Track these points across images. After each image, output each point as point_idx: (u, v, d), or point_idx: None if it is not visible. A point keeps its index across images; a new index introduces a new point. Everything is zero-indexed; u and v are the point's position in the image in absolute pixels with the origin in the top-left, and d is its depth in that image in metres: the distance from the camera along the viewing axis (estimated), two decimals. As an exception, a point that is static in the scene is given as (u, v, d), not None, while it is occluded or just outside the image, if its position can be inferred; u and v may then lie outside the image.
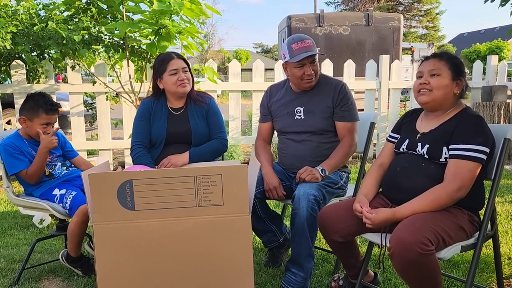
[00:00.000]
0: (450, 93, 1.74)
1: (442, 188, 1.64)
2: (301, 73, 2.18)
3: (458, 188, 1.62)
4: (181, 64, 2.30)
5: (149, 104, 2.36)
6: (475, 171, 1.64)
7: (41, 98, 2.26)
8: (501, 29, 32.19)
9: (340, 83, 2.28)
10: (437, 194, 1.63)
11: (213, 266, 1.64)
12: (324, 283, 2.22)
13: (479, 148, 1.63)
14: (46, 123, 2.26)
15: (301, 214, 1.98)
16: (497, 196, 3.57)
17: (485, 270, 2.34)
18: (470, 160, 1.63)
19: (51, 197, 2.25)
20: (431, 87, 1.75)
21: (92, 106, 5.54)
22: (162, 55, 2.37)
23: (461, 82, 1.74)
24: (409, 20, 32.44)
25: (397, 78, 5.25)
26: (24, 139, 2.30)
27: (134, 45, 3.87)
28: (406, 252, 1.49)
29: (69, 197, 2.20)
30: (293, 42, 2.16)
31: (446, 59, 1.75)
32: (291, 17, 8.72)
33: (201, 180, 1.58)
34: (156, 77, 2.33)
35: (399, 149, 1.86)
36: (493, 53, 15.74)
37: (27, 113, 2.25)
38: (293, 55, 2.15)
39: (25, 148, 2.27)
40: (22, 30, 3.66)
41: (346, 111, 2.23)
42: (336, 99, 2.22)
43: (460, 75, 1.74)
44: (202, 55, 28.00)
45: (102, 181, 1.55)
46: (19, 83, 4.37)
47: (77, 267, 2.30)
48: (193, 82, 2.40)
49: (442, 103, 1.76)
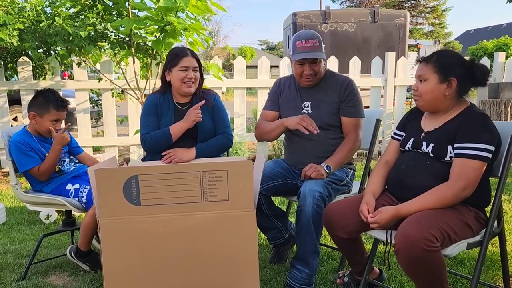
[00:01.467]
0: (440, 96, 1.72)
1: (447, 187, 1.63)
2: (301, 71, 2.19)
3: (463, 187, 1.61)
4: (193, 63, 2.30)
5: (156, 99, 2.36)
6: (481, 169, 1.63)
7: (51, 95, 2.28)
8: (508, 26, 31.91)
9: (347, 79, 2.27)
10: (442, 193, 1.63)
11: (218, 262, 1.65)
12: (329, 280, 2.22)
13: (484, 146, 1.62)
14: (56, 119, 2.29)
15: (306, 211, 1.99)
16: (503, 194, 3.55)
17: (491, 267, 2.33)
18: (475, 159, 1.62)
19: (65, 192, 2.28)
20: (419, 93, 1.75)
21: (98, 103, 5.57)
22: (178, 48, 2.37)
23: (453, 82, 1.70)
24: (415, 17, 32.22)
25: (403, 75, 5.22)
26: (33, 136, 2.32)
27: (139, 42, 3.88)
28: (411, 249, 1.48)
29: (84, 191, 2.23)
30: (298, 39, 2.15)
31: (433, 62, 1.72)
32: (296, 14, 8.69)
33: (206, 175, 1.59)
34: (166, 68, 2.34)
35: (405, 148, 1.85)
36: (500, 50, 15.60)
37: (37, 109, 2.27)
38: (295, 52, 2.15)
39: (34, 145, 2.29)
40: (29, 27, 3.68)
41: (352, 106, 2.23)
42: (342, 94, 2.22)
43: (449, 75, 1.69)
44: (207, 52, 27.99)
45: (108, 176, 1.56)
46: (25, 80, 4.39)
47: (86, 262, 2.31)
48: (201, 82, 2.40)
49: (436, 106, 1.75)
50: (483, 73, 1.72)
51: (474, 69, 1.72)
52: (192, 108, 2.24)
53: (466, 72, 1.72)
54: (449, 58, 1.73)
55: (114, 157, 2.07)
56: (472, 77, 1.72)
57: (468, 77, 1.72)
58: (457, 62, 1.72)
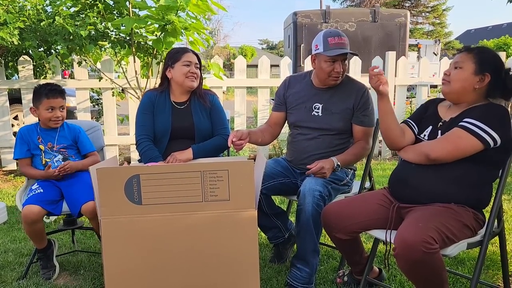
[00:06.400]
0: (470, 87, 1.71)
1: (426, 144, 1.70)
2: (331, 69, 2.14)
3: (445, 152, 1.64)
4: (195, 59, 2.32)
5: (152, 96, 2.36)
6: (474, 148, 1.62)
7: (44, 86, 2.31)
8: (508, 26, 31.87)
9: (364, 87, 2.25)
10: (418, 148, 1.73)
11: (219, 261, 1.65)
12: (329, 279, 2.22)
13: (487, 129, 1.61)
14: (51, 107, 2.28)
15: (306, 210, 1.99)
16: (503, 194, 3.55)
17: (491, 267, 2.33)
18: (470, 133, 1.62)
19: (29, 191, 2.28)
20: (450, 79, 1.74)
21: (98, 102, 5.57)
22: (178, 47, 2.41)
23: (486, 77, 1.69)
24: (416, 16, 32.18)
25: (403, 75, 5.23)
26: (39, 128, 2.36)
27: (140, 41, 3.88)
28: (410, 253, 1.48)
29: (30, 194, 2.20)
30: (330, 36, 2.11)
31: (475, 53, 1.72)
32: (297, 13, 8.69)
33: (207, 175, 1.59)
34: (167, 66, 2.34)
35: (421, 135, 1.84)
36: (501, 49, 15.59)
37: (34, 102, 2.32)
38: (328, 48, 2.10)
39: (33, 137, 2.32)
40: (29, 26, 3.68)
41: (367, 116, 2.22)
42: (358, 103, 2.20)
43: (485, 70, 1.69)
44: (208, 51, 27.97)
45: (110, 175, 1.56)
46: (26, 79, 4.40)
47: (38, 259, 2.30)
48: (201, 80, 2.40)
49: (461, 96, 1.74)
50: None
51: (508, 77, 1.72)
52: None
53: (500, 75, 1.71)
54: (490, 54, 1.74)
55: (115, 156, 2.07)
56: (504, 83, 1.72)
57: (500, 81, 1.71)
58: (496, 61, 1.73)
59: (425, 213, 1.61)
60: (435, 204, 1.67)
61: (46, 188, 2.23)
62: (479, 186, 1.69)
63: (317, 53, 2.16)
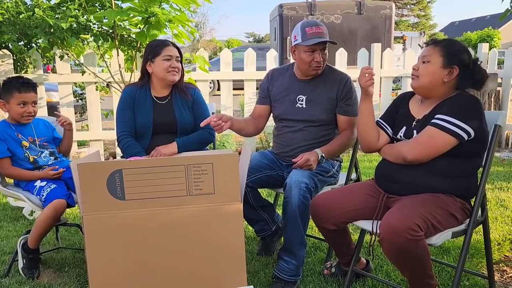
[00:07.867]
0: (438, 80, 1.71)
1: (402, 146, 1.72)
2: (311, 59, 2.13)
3: (421, 154, 1.66)
4: (175, 52, 2.28)
5: (132, 92, 2.32)
6: (449, 144, 1.63)
7: (14, 79, 2.24)
8: (492, 18, 32.29)
9: (346, 76, 2.25)
10: (395, 151, 1.74)
11: (205, 255, 1.64)
12: (316, 271, 2.23)
13: (461, 124, 1.61)
14: (23, 102, 2.22)
15: (292, 202, 1.98)
16: (487, 183, 3.60)
17: (475, 255, 2.37)
18: (444, 130, 1.62)
19: (32, 188, 2.22)
20: (418, 74, 1.74)
21: (82, 97, 5.48)
22: (158, 40, 2.35)
23: (455, 70, 1.69)
24: (401, 8, 32.41)
25: (389, 66, 5.25)
26: (11, 124, 2.27)
27: (123, 34, 3.81)
28: (395, 238, 1.50)
29: (47, 190, 2.14)
30: (307, 26, 2.11)
31: (442, 46, 1.71)
32: (282, 5, 8.65)
33: (192, 169, 1.57)
34: (147, 60, 2.29)
35: (397, 136, 1.84)
36: (484, 41, 15.80)
37: (4, 96, 2.24)
38: (306, 38, 2.09)
39: (11, 134, 2.24)
40: (8, 19, 3.58)
41: (350, 105, 2.22)
42: (341, 92, 2.20)
43: (453, 63, 1.69)
44: (194, 45, 27.73)
45: (92, 170, 1.53)
46: (6, 73, 4.28)
47: (24, 258, 2.20)
48: (183, 73, 2.37)
49: (431, 91, 1.74)
50: (481, 76, 1.73)
51: (476, 68, 1.72)
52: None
53: (468, 66, 1.71)
54: (457, 46, 1.73)
55: (98, 151, 2.03)
56: (472, 75, 1.72)
57: (469, 72, 1.71)
58: (463, 53, 1.72)
59: (412, 201, 1.62)
60: (424, 194, 1.68)
61: (57, 182, 2.21)
62: (465, 176, 1.71)
63: (296, 44, 2.16)
